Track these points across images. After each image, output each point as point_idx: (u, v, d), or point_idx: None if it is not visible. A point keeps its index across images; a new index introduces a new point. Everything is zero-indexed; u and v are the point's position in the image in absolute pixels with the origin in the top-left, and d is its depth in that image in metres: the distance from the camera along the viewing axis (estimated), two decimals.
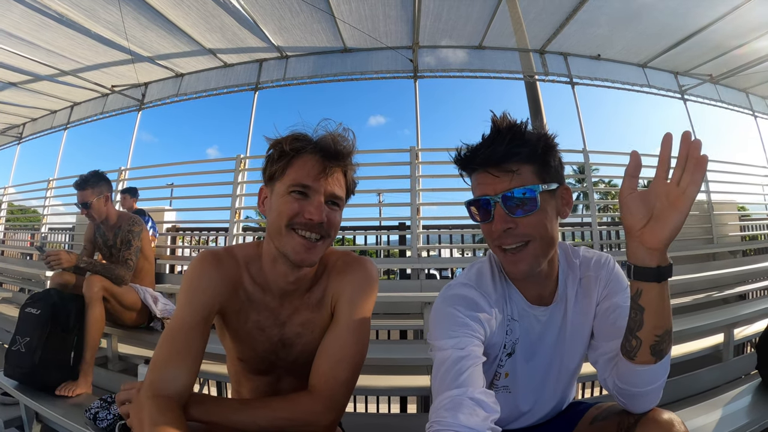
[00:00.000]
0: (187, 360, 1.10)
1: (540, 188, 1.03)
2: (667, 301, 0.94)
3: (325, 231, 1.14)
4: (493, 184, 1.05)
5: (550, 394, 1.28)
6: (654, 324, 0.95)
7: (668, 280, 0.92)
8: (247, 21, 6.37)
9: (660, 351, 0.97)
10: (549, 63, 7.46)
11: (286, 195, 1.13)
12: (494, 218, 1.06)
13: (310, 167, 1.13)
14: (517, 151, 1.04)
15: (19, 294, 5.80)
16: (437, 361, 1.01)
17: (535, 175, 1.05)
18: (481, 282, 1.16)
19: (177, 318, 1.14)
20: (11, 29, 6.36)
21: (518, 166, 1.04)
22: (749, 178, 7.79)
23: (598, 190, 7.30)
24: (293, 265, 1.16)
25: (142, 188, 6.52)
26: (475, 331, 1.04)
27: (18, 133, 11.39)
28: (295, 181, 1.12)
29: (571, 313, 1.19)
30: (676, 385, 2.51)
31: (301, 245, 1.12)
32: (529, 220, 1.04)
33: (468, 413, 0.88)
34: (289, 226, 1.11)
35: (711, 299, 4.41)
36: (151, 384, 1.05)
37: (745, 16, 6.23)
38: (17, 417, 2.55)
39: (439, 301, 1.14)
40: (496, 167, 1.05)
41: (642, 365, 0.99)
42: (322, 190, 1.13)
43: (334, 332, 1.22)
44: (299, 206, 1.11)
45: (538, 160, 1.06)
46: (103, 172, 3.23)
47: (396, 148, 6.11)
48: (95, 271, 2.93)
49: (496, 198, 1.05)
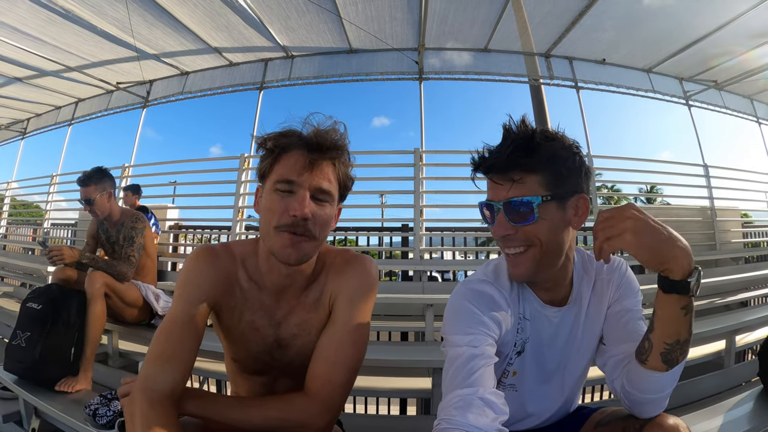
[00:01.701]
0: (180, 355, 1.08)
1: (539, 200, 1.02)
2: (680, 314, 0.94)
3: (310, 229, 1.09)
4: (496, 190, 1.07)
5: (556, 396, 1.27)
6: (663, 330, 0.96)
7: (687, 299, 0.92)
8: (254, 20, 6.38)
9: (671, 360, 0.98)
10: (554, 67, 7.45)
11: (272, 192, 1.11)
12: (496, 223, 1.08)
13: (294, 161, 1.10)
14: (521, 162, 1.03)
15: (20, 289, 5.81)
16: (450, 357, 1.01)
17: (541, 185, 1.03)
18: (499, 278, 1.16)
19: (172, 313, 1.13)
20: (17, 24, 6.38)
21: (521, 176, 1.03)
22: (752, 184, 7.77)
23: (602, 195, 7.28)
24: (288, 264, 1.13)
25: (145, 185, 6.55)
26: (490, 329, 1.04)
27: (22, 128, 11.43)
28: (280, 177, 1.10)
29: (583, 316, 1.19)
30: (677, 391, 2.47)
31: (288, 240, 1.08)
32: (528, 229, 1.04)
33: (477, 413, 0.88)
34: (276, 228, 1.09)
35: (713, 306, 4.40)
36: (144, 378, 1.05)
37: (749, 23, 6.22)
38: (16, 412, 2.55)
39: (457, 294, 1.13)
40: (498, 175, 1.06)
41: (652, 371, 1.00)
42: (306, 184, 1.09)
43: (331, 332, 1.20)
44: (285, 203, 1.08)
45: (547, 169, 1.04)
46: (106, 169, 3.23)
47: (400, 149, 6.12)
48: (97, 267, 2.93)
49: (498, 204, 1.06)
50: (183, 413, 1.08)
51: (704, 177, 6.95)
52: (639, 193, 21.55)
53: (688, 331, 0.96)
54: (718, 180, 7.05)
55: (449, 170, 6.00)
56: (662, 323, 0.96)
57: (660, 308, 0.96)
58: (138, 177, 7.20)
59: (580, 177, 1.08)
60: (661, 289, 0.93)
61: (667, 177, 6.88)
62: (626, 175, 6.63)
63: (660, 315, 0.96)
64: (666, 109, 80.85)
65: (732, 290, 5.14)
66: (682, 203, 7.48)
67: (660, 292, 0.94)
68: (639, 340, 1.05)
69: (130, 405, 1.02)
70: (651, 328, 0.99)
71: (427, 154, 5.79)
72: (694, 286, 0.90)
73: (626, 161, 6.63)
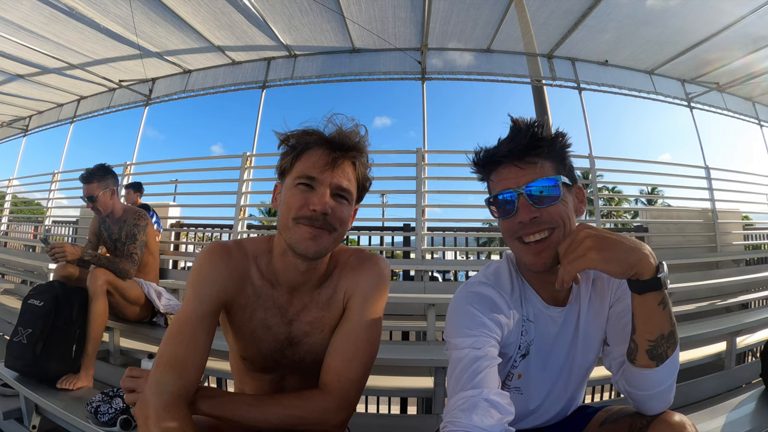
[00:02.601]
0: (194, 355, 1.07)
1: (561, 179, 1.06)
2: (658, 309, 0.96)
3: (329, 223, 1.11)
4: (517, 177, 1.08)
5: (560, 395, 1.28)
6: (644, 329, 0.99)
7: (661, 294, 0.95)
8: (257, 19, 6.38)
9: (659, 355, 1.00)
10: (556, 68, 7.45)
11: (293, 188, 1.12)
12: (518, 210, 1.07)
13: (317, 159, 1.12)
14: (539, 145, 1.07)
15: (21, 285, 5.82)
16: (453, 360, 1.02)
17: (555, 170, 1.08)
18: (499, 281, 1.17)
19: (184, 311, 1.12)
20: (21, 21, 6.39)
21: (540, 160, 1.07)
22: (753, 186, 7.76)
23: (603, 196, 7.28)
24: (301, 257, 1.14)
25: (147, 183, 6.55)
26: (492, 331, 1.05)
27: (24, 125, 11.43)
28: (301, 173, 1.12)
29: (585, 313, 1.20)
30: (678, 392, 2.48)
31: (307, 232, 1.10)
32: (553, 209, 1.06)
33: (482, 414, 0.89)
34: (295, 219, 1.10)
35: (714, 307, 4.41)
36: (157, 380, 1.02)
37: (751, 26, 6.23)
38: (17, 409, 2.54)
39: (458, 297, 1.15)
40: (520, 160, 1.08)
41: (643, 368, 1.02)
42: (327, 181, 1.11)
43: (346, 329, 1.21)
44: (305, 198, 1.10)
45: (557, 156, 1.10)
46: (109, 166, 3.23)
47: (402, 149, 6.12)
48: (99, 264, 2.93)
49: (519, 190, 1.07)
50: (195, 413, 1.07)
51: (705, 179, 6.94)
52: (640, 195, 21.60)
53: (671, 324, 0.98)
54: (719, 182, 7.04)
55: (451, 170, 5.99)
56: (642, 322, 0.99)
57: (638, 309, 0.98)
58: (140, 175, 7.20)
59: (573, 170, 1.15)
60: (635, 293, 0.96)
61: (668, 179, 6.88)
62: (627, 176, 6.62)
63: (639, 315, 0.99)
64: (668, 110, 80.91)
65: (733, 292, 5.16)
66: (683, 205, 7.48)
67: (635, 295, 0.97)
68: None
69: (143, 408, 1.00)
70: (633, 329, 1.02)
71: (430, 154, 5.79)
72: (665, 279, 0.93)
73: (628, 162, 6.62)
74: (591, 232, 0.93)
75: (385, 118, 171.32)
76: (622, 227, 7.38)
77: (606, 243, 0.91)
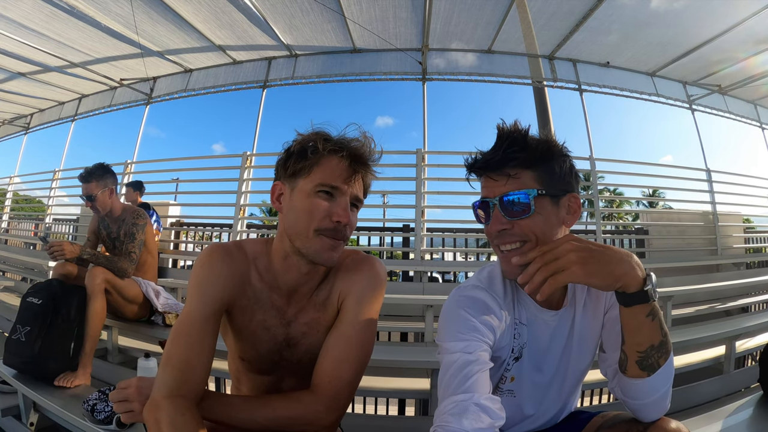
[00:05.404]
0: (201, 356, 1.07)
1: (535, 193, 1.04)
2: (646, 321, 0.94)
3: (346, 234, 1.16)
4: (493, 188, 1.08)
5: (554, 399, 1.27)
6: (633, 340, 0.98)
7: (649, 306, 0.93)
8: (258, 18, 6.38)
9: (649, 366, 0.99)
10: (558, 69, 7.43)
11: (312, 195, 1.13)
12: (492, 219, 1.08)
13: (341, 169, 1.14)
14: (515, 156, 1.05)
15: (21, 283, 5.82)
16: (445, 364, 1.01)
17: (536, 180, 1.06)
18: (493, 284, 1.16)
19: (188, 312, 1.12)
20: (22, 19, 6.39)
21: (516, 171, 1.06)
22: (755, 190, 7.75)
23: (603, 198, 7.27)
24: (314, 264, 1.17)
25: (148, 182, 6.56)
26: (484, 335, 1.04)
27: (25, 123, 11.45)
28: (323, 181, 1.12)
29: (579, 317, 1.19)
30: (676, 396, 2.47)
31: (329, 244, 1.13)
32: (524, 223, 1.05)
33: (473, 419, 0.88)
34: (317, 231, 1.12)
35: (713, 311, 4.40)
36: (166, 383, 1.02)
37: (753, 28, 6.21)
38: (15, 406, 2.54)
39: (450, 301, 1.14)
40: (494, 171, 1.08)
41: (635, 378, 1.01)
42: (348, 192, 1.14)
43: (339, 331, 1.21)
44: (328, 208, 1.12)
45: (540, 165, 1.07)
46: (108, 165, 3.23)
47: (402, 150, 6.12)
48: (98, 262, 2.93)
49: (494, 200, 1.07)
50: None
51: (707, 182, 6.94)
52: (641, 197, 21.56)
53: (661, 334, 0.97)
54: (720, 185, 7.04)
55: (451, 171, 5.98)
56: (631, 334, 0.98)
57: (626, 321, 0.97)
58: (140, 174, 7.21)
59: (572, 177, 1.12)
60: (622, 305, 0.95)
61: (669, 181, 6.88)
62: (629, 178, 6.61)
63: (627, 326, 0.98)
64: (669, 113, 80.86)
65: (733, 296, 5.14)
66: (684, 208, 7.47)
67: (622, 307, 0.95)
68: None
69: (154, 412, 0.99)
70: (622, 340, 1.01)
71: (430, 155, 5.79)
72: (652, 291, 0.91)
73: (629, 165, 6.61)
74: (576, 244, 0.90)
75: (387, 117, 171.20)
76: (623, 229, 7.37)
77: (590, 256, 0.89)
